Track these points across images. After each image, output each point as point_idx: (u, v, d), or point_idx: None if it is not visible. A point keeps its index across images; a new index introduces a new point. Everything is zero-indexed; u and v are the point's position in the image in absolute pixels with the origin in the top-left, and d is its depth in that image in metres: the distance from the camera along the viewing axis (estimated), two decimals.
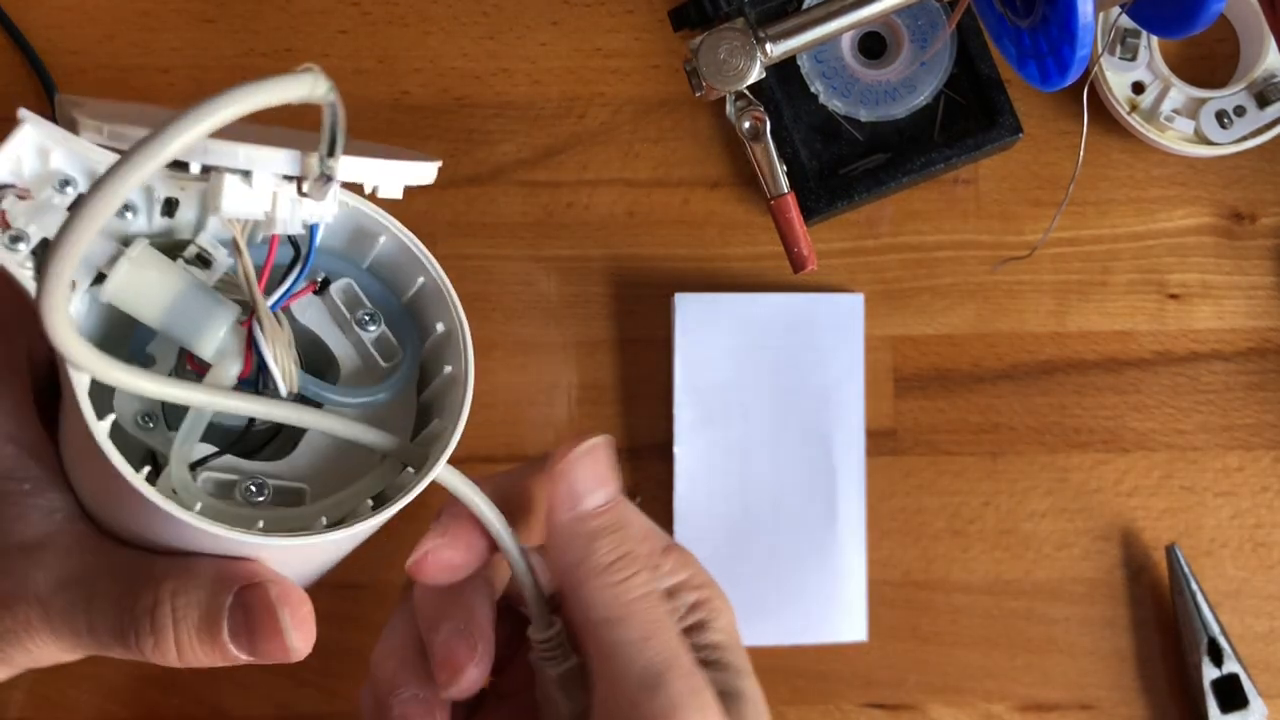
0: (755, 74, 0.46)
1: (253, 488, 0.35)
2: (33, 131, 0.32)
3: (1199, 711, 0.54)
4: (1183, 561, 0.55)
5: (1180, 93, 0.56)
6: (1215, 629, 0.54)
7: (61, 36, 0.57)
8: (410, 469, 0.37)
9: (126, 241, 0.33)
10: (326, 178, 0.32)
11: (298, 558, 0.37)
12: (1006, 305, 0.58)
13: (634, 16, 0.58)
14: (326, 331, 0.38)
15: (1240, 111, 0.56)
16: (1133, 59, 0.56)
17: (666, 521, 0.56)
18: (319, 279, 0.37)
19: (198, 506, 0.33)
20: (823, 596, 0.55)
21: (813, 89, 0.56)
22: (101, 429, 0.32)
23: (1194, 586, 0.55)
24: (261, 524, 0.34)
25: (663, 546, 0.40)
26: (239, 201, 0.32)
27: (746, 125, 0.47)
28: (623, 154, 0.58)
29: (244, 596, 0.33)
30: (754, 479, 0.56)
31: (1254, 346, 0.57)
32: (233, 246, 0.33)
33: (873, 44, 0.57)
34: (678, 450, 0.56)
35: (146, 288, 0.33)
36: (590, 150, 0.58)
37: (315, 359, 0.38)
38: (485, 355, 0.57)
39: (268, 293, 0.34)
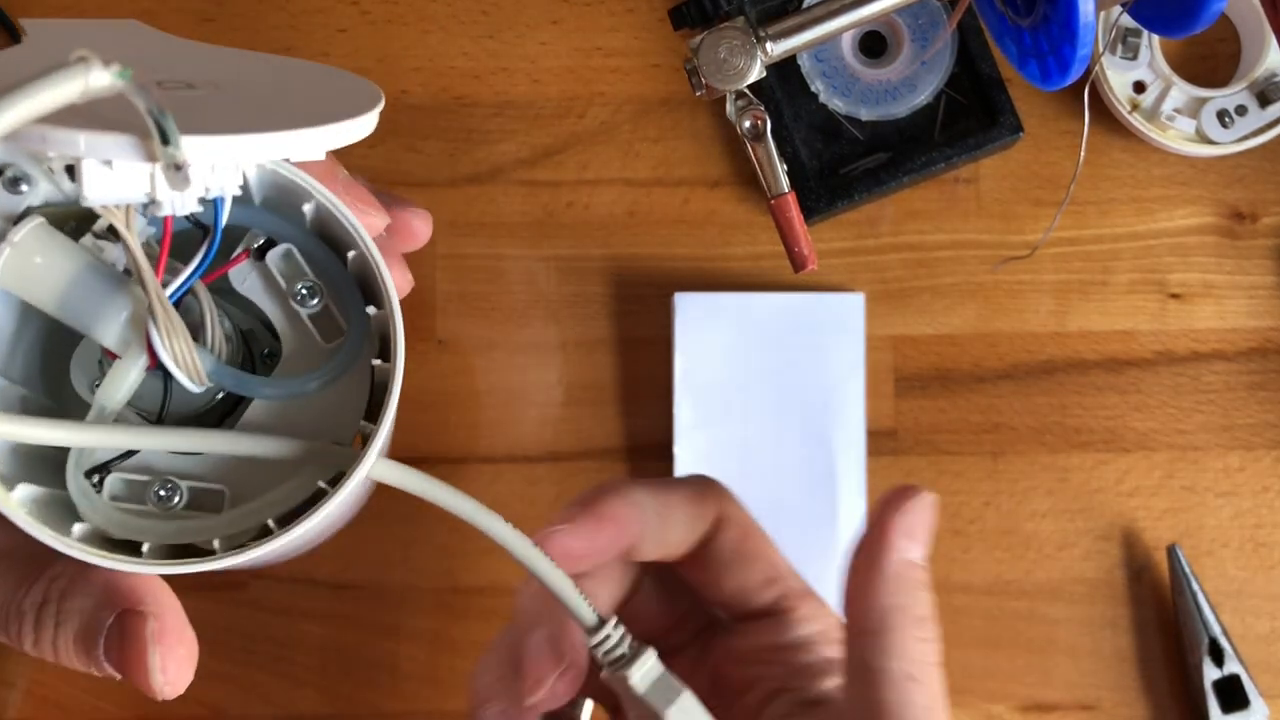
0: (755, 73, 0.46)
1: (163, 492, 0.32)
2: None
3: (1200, 712, 0.54)
4: (1184, 562, 0.55)
5: (1181, 92, 0.56)
6: (1216, 629, 0.54)
7: None
8: (321, 483, 0.32)
9: (20, 218, 0.30)
10: (176, 165, 0.27)
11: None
12: (1007, 305, 0.57)
13: (634, 15, 0.58)
14: (267, 304, 0.34)
15: (1241, 111, 0.56)
16: (1134, 58, 0.56)
17: None
18: (258, 243, 0.33)
19: (75, 531, 0.31)
20: (823, 597, 0.55)
21: (813, 88, 0.56)
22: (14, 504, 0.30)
23: (1195, 587, 0.55)
24: (146, 548, 0.31)
25: (798, 589, 0.40)
26: (106, 188, 0.28)
27: (747, 124, 0.47)
28: (623, 153, 0.58)
29: (123, 622, 0.31)
30: (754, 479, 0.56)
31: (1255, 346, 0.57)
32: (124, 237, 0.30)
33: (873, 43, 0.57)
34: (678, 450, 0.56)
35: (35, 273, 0.30)
36: (590, 150, 0.58)
37: (268, 332, 0.35)
38: (485, 355, 0.57)
39: (176, 274, 0.31)
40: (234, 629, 0.57)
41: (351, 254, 0.33)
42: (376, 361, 0.33)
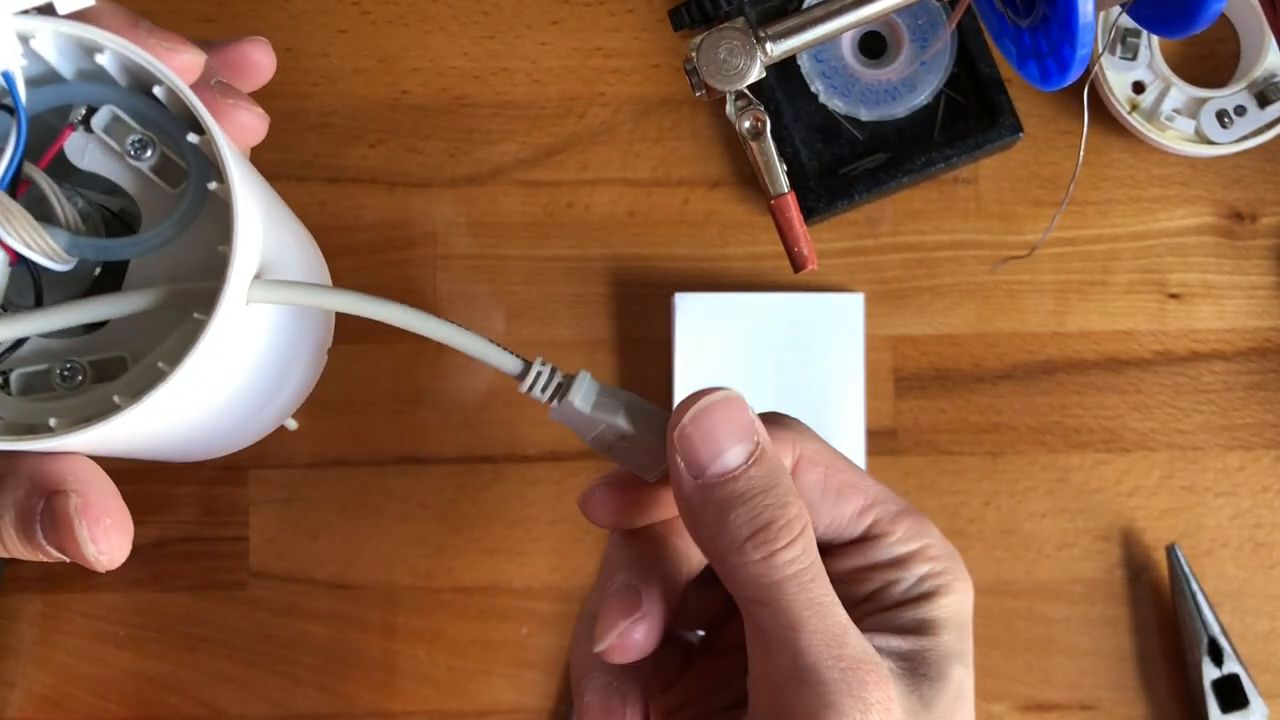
0: (755, 73, 0.46)
1: (65, 373, 0.32)
2: None
3: (1199, 712, 0.54)
4: (1183, 561, 0.55)
5: (1181, 92, 0.56)
6: (1215, 629, 0.54)
7: None
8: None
9: None
10: None
11: (127, 437, 0.33)
12: (1007, 305, 0.58)
13: (634, 16, 0.58)
14: (111, 170, 0.33)
15: (1241, 111, 0.56)
16: (1133, 58, 0.56)
17: None
18: (79, 116, 0.33)
19: None
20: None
21: (813, 88, 0.56)
22: None
23: (1194, 586, 0.55)
24: (54, 421, 0.31)
25: (894, 511, 0.36)
26: None
27: (746, 125, 0.47)
28: (623, 154, 0.58)
29: (51, 504, 0.32)
30: None
31: (1255, 346, 0.57)
32: None
33: (873, 43, 0.57)
34: None
35: None
36: (590, 150, 0.58)
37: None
38: None
39: None
40: (234, 629, 0.57)
41: (157, 88, 0.33)
42: (213, 185, 0.32)
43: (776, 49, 0.46)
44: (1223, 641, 0.54)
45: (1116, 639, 0.56)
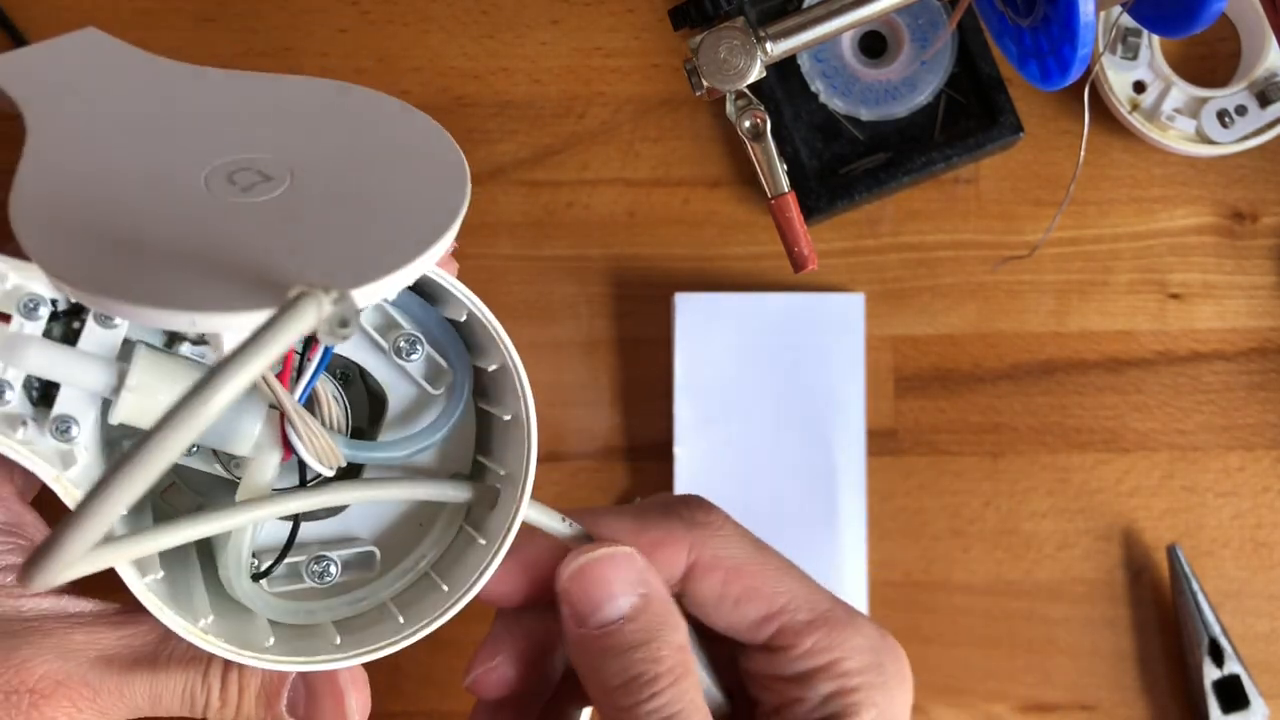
0: (755, 73, 0.46)
1: (317, 569, 0.33)
2: None
3: (1200, 712, 0.54)
4: (1184, 562, 0.55)
5: (1181, 92, 0.56)
6: (1216, 629, 0.54)
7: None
8: (471, 510, 0.33)
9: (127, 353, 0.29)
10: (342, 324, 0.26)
11: None
12: (1007, 305, 0.57)
13: (634, 15, 0.58)
14: (368, 360, 0.34)
15: (1241, 111, 0.56)
16: (1134, 58, 0.56)
17: None
18: None
19: (269, 644, 0.31)
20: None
21: (813, 88, 0.56)
22: (142, 588, 0.30)
23: (1195, 587, 0.55)
24: (339, 640, 0.32)
25: (803, 621, 0.36)
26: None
27: (747, 124, 0.47)
28: (623, 153, 0.58)
29: (308, 677, 0.32)
30: (754, 479, 0.56)
31: (1255, 346, 0.57)
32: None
33: (873, 43, 0.57)
34: (678, 450, 0.56)
35: (157, 407, 0.29)
36: (590, 150, 0.58)
37: (366, 392, 0.35)
38: None
39: (293, 381, 0.31)
40: None
41: (463, 315, 0.34)
42: (507, 417, 0.34)
43: (776, 48, 0.46)
44: (1223, 642, 0.54)
45: (1117, 639, 0.56)
